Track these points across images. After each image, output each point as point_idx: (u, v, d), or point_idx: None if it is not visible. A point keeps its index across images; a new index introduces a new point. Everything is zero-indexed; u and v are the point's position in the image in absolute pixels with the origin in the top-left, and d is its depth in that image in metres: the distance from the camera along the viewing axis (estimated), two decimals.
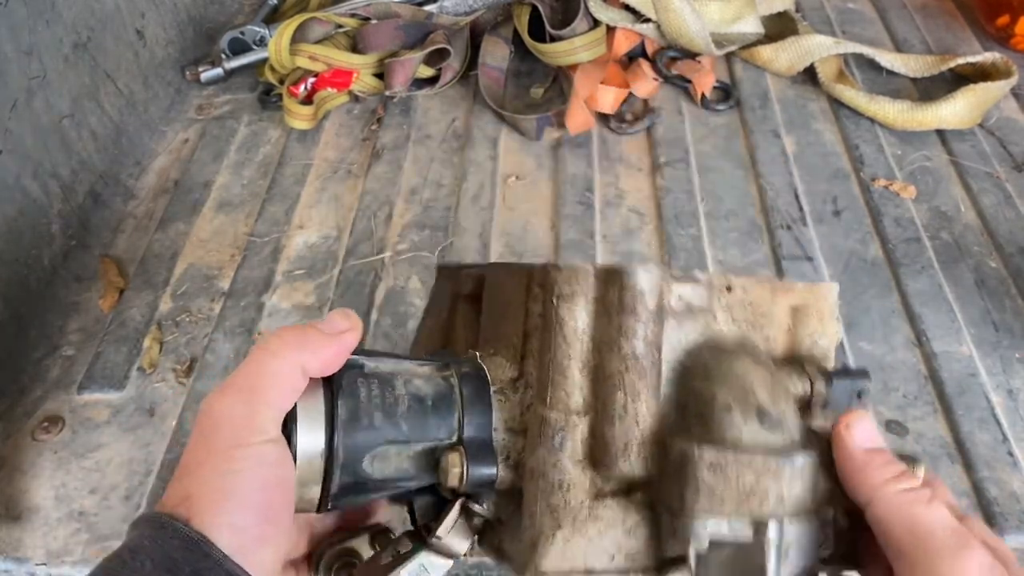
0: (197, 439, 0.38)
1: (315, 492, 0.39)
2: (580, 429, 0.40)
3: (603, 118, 1.05)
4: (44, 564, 0.66)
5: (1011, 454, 0.70)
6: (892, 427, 0.72)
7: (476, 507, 0.41)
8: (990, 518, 0.66)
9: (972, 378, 0.76)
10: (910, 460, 0.41)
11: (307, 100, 1.07)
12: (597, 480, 0.39)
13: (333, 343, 0.40)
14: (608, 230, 0.91)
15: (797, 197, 0.94)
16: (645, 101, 1.08)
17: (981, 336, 0.79)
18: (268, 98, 1.11)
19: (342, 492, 0.39)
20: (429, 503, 0.43)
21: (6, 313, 0.79)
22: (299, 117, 1.05)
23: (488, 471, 0.40)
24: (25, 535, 0.67)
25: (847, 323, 0.80)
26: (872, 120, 1.04)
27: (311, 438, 0.39)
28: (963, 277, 0.85)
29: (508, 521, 0.42)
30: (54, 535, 0.67)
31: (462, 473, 0.40)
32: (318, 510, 0.40)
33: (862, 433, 0.41)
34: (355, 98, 1.11)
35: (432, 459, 0.41)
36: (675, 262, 0.87)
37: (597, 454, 0.39)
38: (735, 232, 0.90)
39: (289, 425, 0.39)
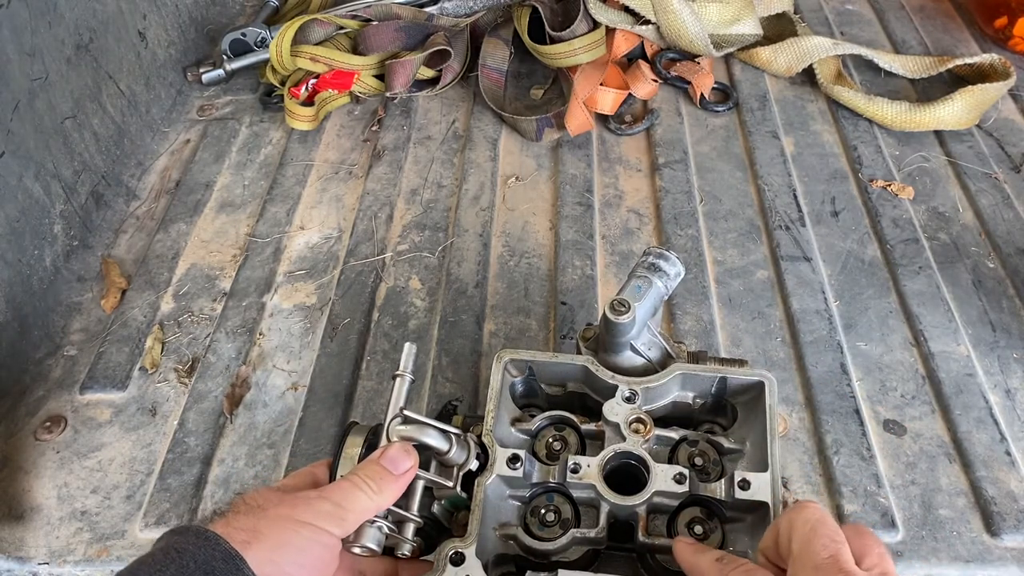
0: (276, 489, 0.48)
1: None
2: None
3: (603, 119, 1.05)
4: (46, 563, 0.66)
5: (1008, 453, 0.70)
6: (890, 427, 0.72)
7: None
8: (988, 517, 0.66)
9: (970, 378, 0.76)
10: None
11: (308, 101, 1.07)
12: None
13: (399, 484, 0.51)
14: (607, 230, 0.91)
15: (796, 198, 0.95)
16: (644, 102, 1.08)
17: (979, 336, 0.80)
18: (269, 99, 1.11)
19: None
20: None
21: (8, 313, 0.79)
22: (300, 118, 1.06)
23: None
24: (27, 534, 0.67)
25: (846, 323, 0.81)
26: (870, 121, 1.04)
27: None
28: (961, 277, 0.85)
29: None
30: (56, 534, 0.67)
31: None
32: None
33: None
34: (356, 99, 1.11)
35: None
36: None
37: None
38: (734, 232, 0.91)
39: None
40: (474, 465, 0.54)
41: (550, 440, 0.59)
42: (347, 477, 0.50)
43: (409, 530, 0.52)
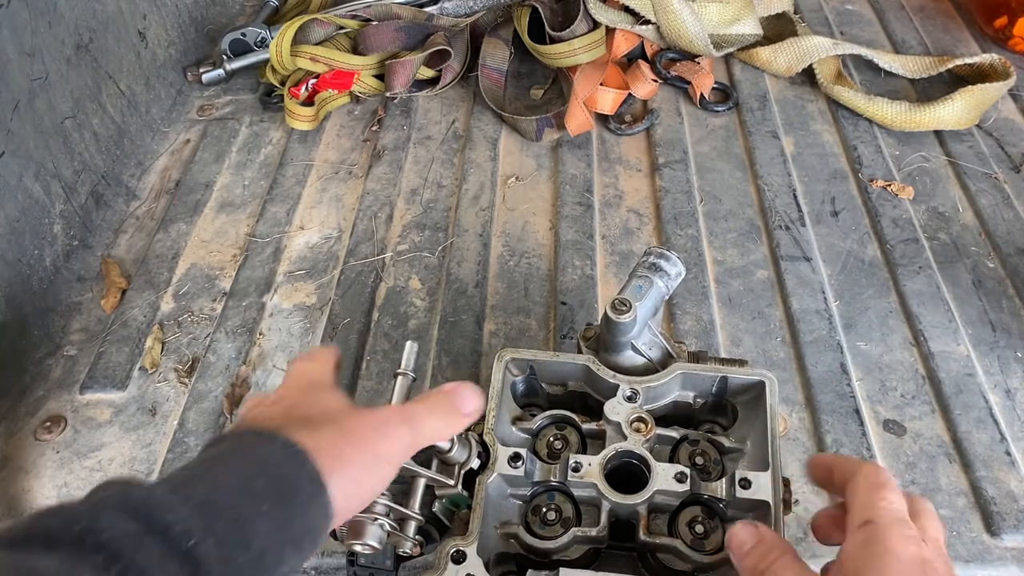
0: (350, 417, 0.45)
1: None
2: None
3: (602, 119, 1.06)
4: None
5: (1008, 453, 0.70)
6: (890, 426, 0.72)
7: None
8: (987, 517, 0.66)
9: (969, 378, 0.76)
10: None
11: (308, 101, 1.08)
12: None
13: (463, 423, 0.49)
14: (607, 230, 0.92)
15: (795, 198, 0.95)
16: (644, 102, 1.08)
17: (978, 336, 0.80)
18: (269, 99, 1.11)
19: None
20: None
21: (8, 313, 0.79)
22: (300, 118, 1.06)
23: None
24: None
25: (846, 323, 0.81)
26: (870, 121, 1.04)
27: None
28: (961, 277, 0.85)
29: None
30: None
31: None
32: None
33: None
34: (356, 99, 1.11)
35: None
36: None
37: None
38: (734, 232, 0.91)
39: None
40: (475, 464, 0.54)
41: (551, 439, 0.59)
42: (423, 405, 0.48)
43: (410, 528, 0.52)
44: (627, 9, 1.06)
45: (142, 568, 0.33)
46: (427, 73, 1.10)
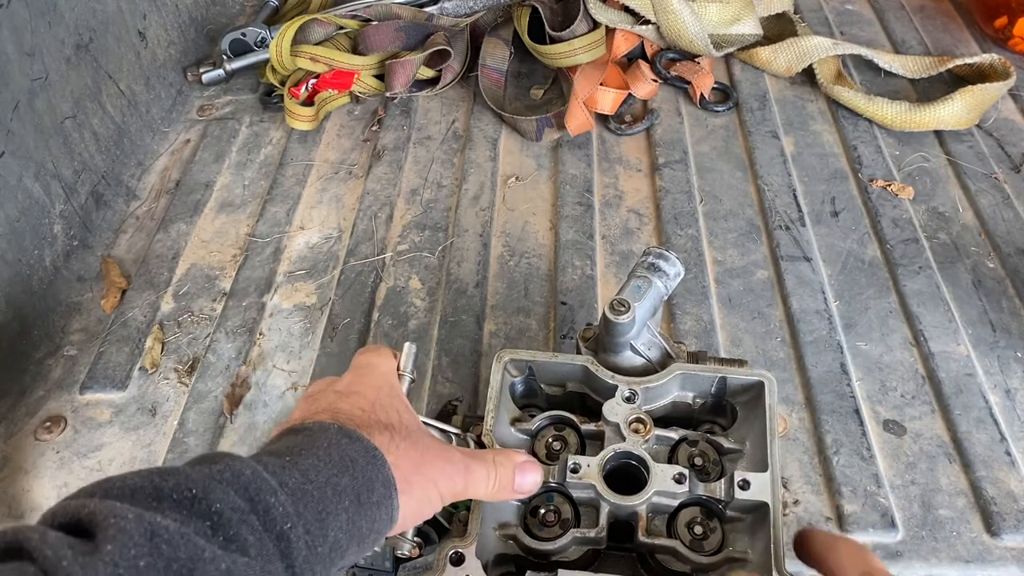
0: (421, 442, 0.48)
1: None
2: None
3: (602, 119, 1.05)
4: None
5: (1008, 453, 0.70)
6: (890, 427, 0.72)
7: None
8: (987, 517, 0.66)
9: (969, 378, 0.76)
10: None
11: (308, 101, 1.07)
12: None
13: (511, 497, 0.52)
14: (607, 230, 0.92)
15: (795, 198, 0.95)
16: (644, 102, 1.08)
17: (978, 336, 0.80)
18: (269, 99, 1.11)
19: None
20: None
21: (8, 313, 0.79)
22: (300, 118, 1.06)
23: None
24: None
25: (846, 323, 0.81)
26: (870, 121, 1.04)
27: None
28: (961, 277, 0.85)
29: None
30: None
31: None
32: None
33: None
34: (356, 99, 1.11)
35: None
36: None
37: None
38: (734, 232, 0.91)
39: None
40: None
41: (550, 440, 0.59)
42: (485, 467, 0.50)
43: (409, 530, 0.52)
44: (627, 9, 1.06)
45: (244, 539, 0.36)
46: (427, 73, 1.10)
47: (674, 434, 0.58)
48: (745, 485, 0.53)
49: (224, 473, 0.39)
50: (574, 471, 0.54)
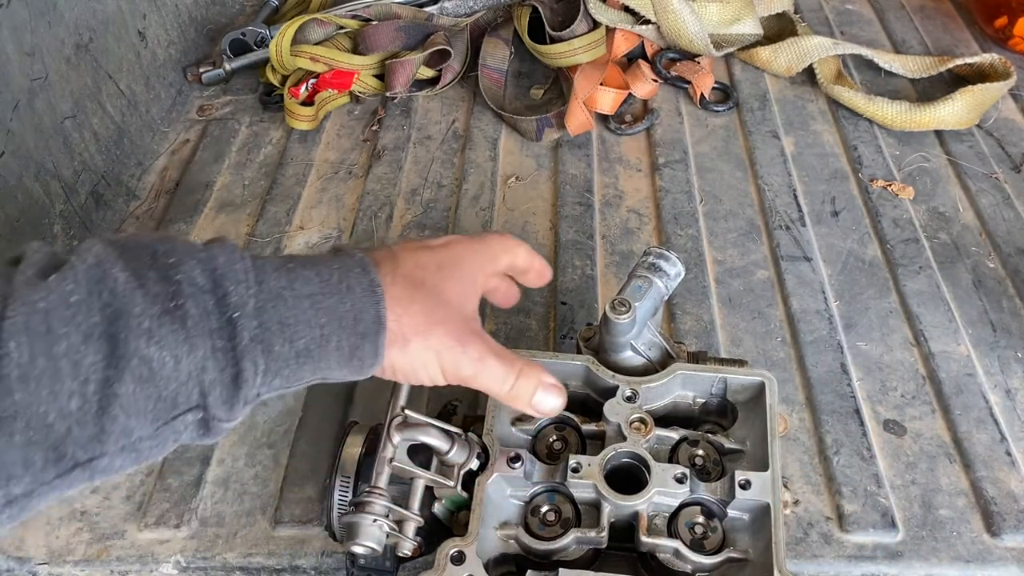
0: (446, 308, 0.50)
1: None
2: None
3: (603, 119, 1.05)
4: (46, 563, 0.66)
5: (1009, 454, 0.70)
6: (890, 427, 0.72)
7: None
8: (988, 517, 0.66)
9: (970, 378, 0.76)
10: None
11: (308, 101, 1.07)
12: None
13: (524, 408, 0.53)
14: (607, 231, 0.91)
15: (796, 198, 0.95)
16: (644, 102, 1.08)
17: (979, 336, 0.80)
18: (269, 99, 1.11)
19: None
20: None
21: None
22: (300, 118, 1.06)
23: None
24: (27, 534, 0.67)
25: (846, 323, 0.81)
26: (871, 121, 1.04)
27: None
28: (961, 277, 0.85)
29: None
30: (56, 534, 0.67)
31: None
32: None
33: None
34: (356, 99, 1.11)
35: None
36: None
37: None
38: (734, 232, 0.91)
39: None
40: (475, 464, 0.54)
41: (551, 440, 0.59)
42: (504, 364, 0.50)
43: (410, 529, 0.52)
44: (627, 9, 1.06)
45: (187, 312, 0.39)
46: (427, 73, 1.10)
47: (675, 434, 0.58)
48: (746, 485, 0.53)
49: (202, 253, 0.41)
50: (575, 471, 0.54)
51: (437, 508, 0.55)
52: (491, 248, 0.56)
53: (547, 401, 0.52)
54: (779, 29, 1.18)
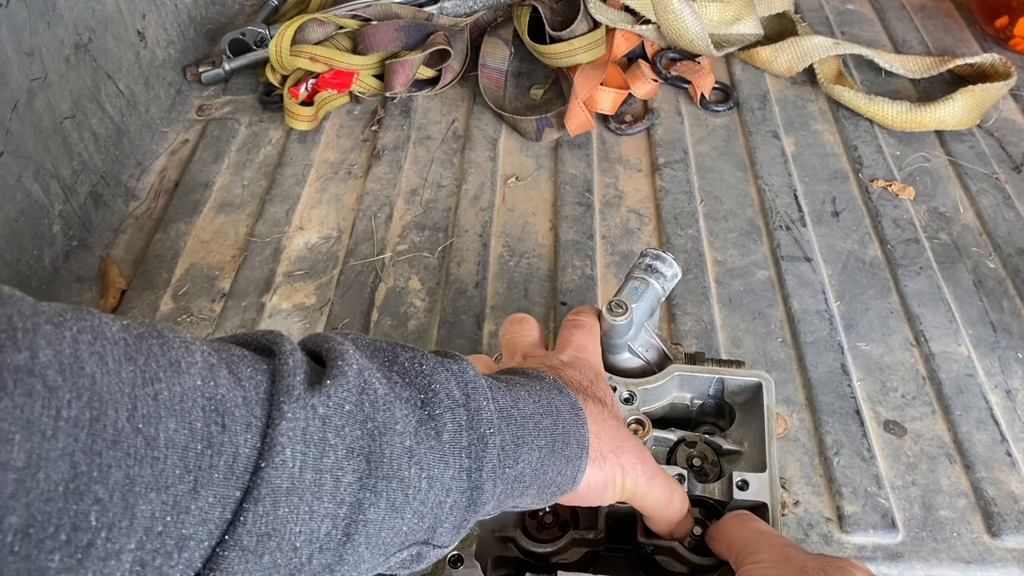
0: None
1: None
2: None
3: (603, 119, 1.05)
4: None
5: (1009, 454, 0.70)
6: (890, 427, 0.72)
7: None
8: (988, 518, 0.66)
9: (970, 378, 0.76)
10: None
11: (307, 101, 1.07)
12: None
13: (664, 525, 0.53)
14: (607, 231, 0.91)
15: (796, 198, 0.94)
16: (644, 102, 1.08)
17: (979, 336, 0.79)
18: (269, 99, 1.11)
19: None
20: None
21: None
22: (299, 118, 1.06)
23: None
24: None
25: (846, 324, 0.80)
26: (871, 121, 1.04)
27: None
28: (961, 278, 0.85)
29: None
30: None
31: None
32: None
33: None
34: (355, 99, 1.11)
35: None
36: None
37: None
38: (734, 233, 0.91)
39: None
40: None
41: None
42: (669, 481, 0.51)
43: None
44: (627, 9, 1.06)
45: (444, 424, 0.37)
46: (427, 73, 1.10)
47: (672, 435, 0.58)
48: (744, 486, 0.53)
49: (452, 366, 0.40)
50: None
51: None
52: (585, 333, 0.57)
53: (687, 524, 0.52)
54: (779, 29, 1.17)
